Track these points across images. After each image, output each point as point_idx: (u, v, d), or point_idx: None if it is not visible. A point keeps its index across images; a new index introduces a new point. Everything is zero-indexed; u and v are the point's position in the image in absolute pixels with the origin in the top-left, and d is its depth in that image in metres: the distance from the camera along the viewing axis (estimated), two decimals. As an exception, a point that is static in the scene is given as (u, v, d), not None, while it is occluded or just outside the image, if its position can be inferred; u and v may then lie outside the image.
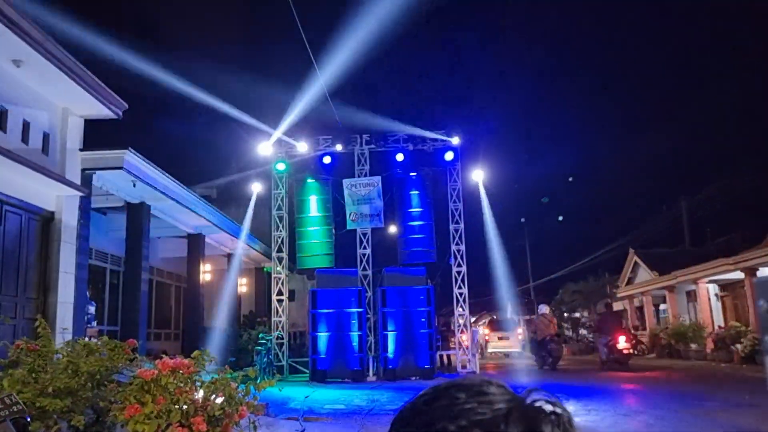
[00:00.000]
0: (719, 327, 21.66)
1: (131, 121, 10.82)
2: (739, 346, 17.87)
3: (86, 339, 4.93)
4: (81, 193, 9.41)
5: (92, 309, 11.11)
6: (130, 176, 10.67)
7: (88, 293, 10.66)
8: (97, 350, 4.49)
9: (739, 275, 20.77)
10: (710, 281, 23.29)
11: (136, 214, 12.92)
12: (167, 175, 12.13)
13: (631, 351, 19.09)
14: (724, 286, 24.22)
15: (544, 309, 20.56)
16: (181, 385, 4.34)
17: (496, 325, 31.10)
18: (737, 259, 19.92)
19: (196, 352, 4.66)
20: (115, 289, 16.22)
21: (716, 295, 24.69)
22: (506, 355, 28.90)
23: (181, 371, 4.45)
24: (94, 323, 11.41)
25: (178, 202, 13.20)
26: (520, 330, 29.24)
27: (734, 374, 15.08)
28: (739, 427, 6.72)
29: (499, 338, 28.77)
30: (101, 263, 15.80)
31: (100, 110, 9.58)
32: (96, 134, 10.39)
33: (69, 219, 9.46)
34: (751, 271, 19.83)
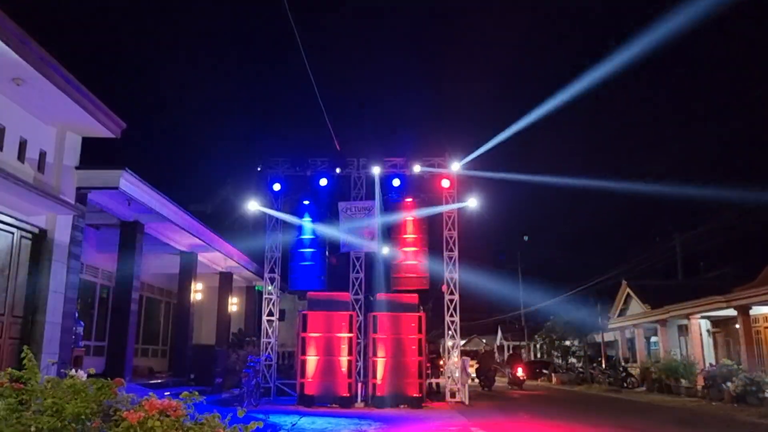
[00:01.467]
0: (710, 364, 21.56)
1: (129, 136, 10.75)
2: (730, 384, 17.76)
3: (73, 371, 4.81)
4: (75, 213, 9.32)
5: (80, 329, 10.95)
6: (125, 196, 10.59)
7: (76, 312, 10.50)
8: (83, 390, 4.38)
9: (731, 312, 20.74)
10: (703, 317, 23.26)
11: (130, 232, 12.83)
12: (163, 195, 12.05)
13: (525, 377, 27.09)
14: (717, 323, 24.19)
15: (487, 347, 23.51)
16: (168, 428, 4.23)
17: (466, 353, 33.72)
18: (730, 297, 19.90)
19: (184, 393, 4.57)
20: (104, 303, 16.07)
21: (708, 330, 24.65)
22: (472, 379, 30.82)
23: (168, 414, 4.35)
24: (82, 343, 11.24)
25: (172, 222, 13.11)
26: None
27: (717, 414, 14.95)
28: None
29: None
30: (92, 278, 15.65)
31: (98, 129, 9.54)
32: (91, 148, 10.34)
33: (62, 237, 9.36)
34: (743, 309, 19.82)
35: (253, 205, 18.33)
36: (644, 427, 11.97)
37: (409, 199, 17.46)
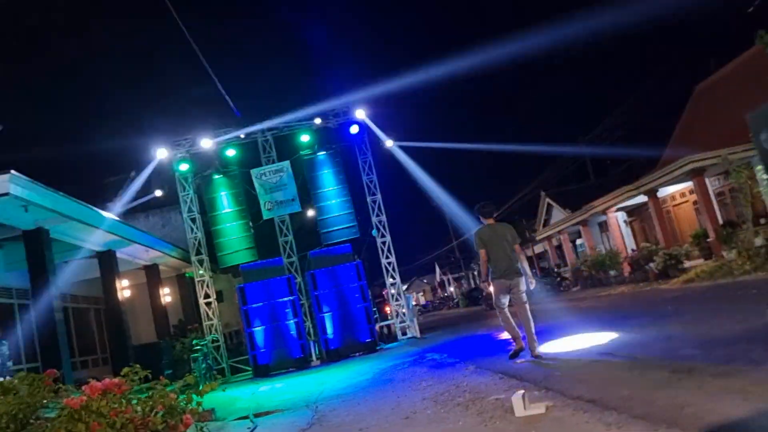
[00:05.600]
0: (632, 250, 22.97)
1: (11, 144, 10.02)
2: (652, 264, 19.00)
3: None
4: (-33, 228, 8.61)
5: (5, 349, 10.31)
6: (19, 201, 9.87)
7: (-4, 334, 9.85)
8: (13, 388, 4.11)
9: (643, 199, 22.03)
10: (618, 209, 24.62)
11: (35, 241, 12.03)
12: (61, 194, 11.33)
13: None
14: (631, 212, 25.69)
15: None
16: (116, 406, 4.05)
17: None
18: (638, 184, 21.11)
19: (125, 369, 4.38)
20: (27, 324, 15.15)
21: (625, 221, 26.16)
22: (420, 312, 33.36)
23: (112, 392, 4.16)
24: (10, 363, 10.60)
25: (79, 220, 12.40)
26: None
27: (648, 292, 16.01)
28: (670, 334, 7.11)
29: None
30: (7, 300, 14.70)
31: (-29, 135, 8.76)
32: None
33: (-41, 258, 8.66)
34: (652, 193, 21.08)
35: (159, 192, 17.72)
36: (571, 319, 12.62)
37: (322, 153, 17.25)
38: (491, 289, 7.64)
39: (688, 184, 20.40)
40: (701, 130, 22.37)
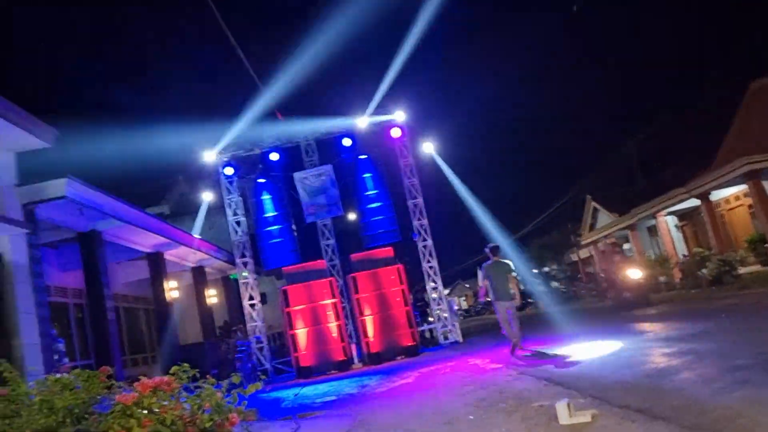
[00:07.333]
0: (684, 256, 22.29)
1: (67, 148, 10.41)
2: (705, 270, 18.40)
3: (57, 375, 4.67)
4: (26, 230, 8.99)
5: (61, 346, 10.71)
6: (75, 204, 10.25)
7: (54, 331, 10.24)
8: (70, 384, 4.27)
9: (695, 202, 21.35)
10: (668, 213, 23.94)
11: (89, 243, 12.46)
12: (114, 197, 11.72)
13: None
14: (682, 216, 24.93)
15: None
16: (165, 403, 4.17)
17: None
18: (690, 187, 20.46)
19: (174, 368, 4.50)
20: (81, 323, 15.71)
21: (676, 226, 25.42)
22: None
23: (162, 389, 4.28)
24: (66, 360, 11.00)
25: (130, 223, 12.79)
26: None
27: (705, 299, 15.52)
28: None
29: None
30: (62, 299, 15.25)
31: (28, 141, 9.15)
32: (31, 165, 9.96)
33: (19, 258, 9.04)
34: (704, 197, 20.41)
35: (208, 196, 18.18)
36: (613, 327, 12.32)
37: (364, 156, 17.33)
38: (495, 306, 10.47)
39: (743, 187, 19.68)
40: (758, 130, 21.54)
